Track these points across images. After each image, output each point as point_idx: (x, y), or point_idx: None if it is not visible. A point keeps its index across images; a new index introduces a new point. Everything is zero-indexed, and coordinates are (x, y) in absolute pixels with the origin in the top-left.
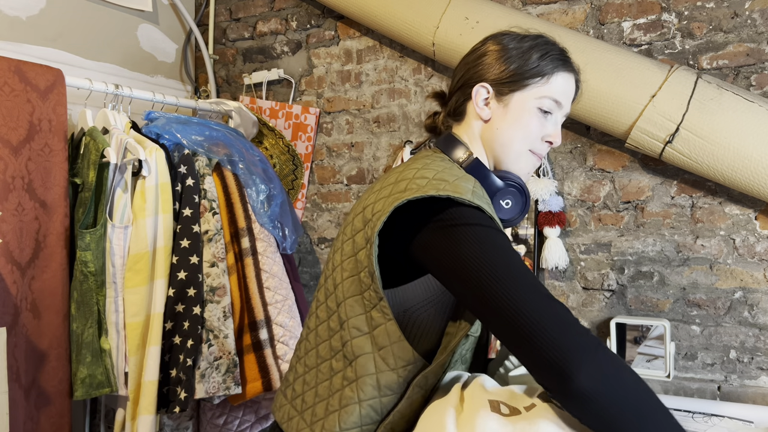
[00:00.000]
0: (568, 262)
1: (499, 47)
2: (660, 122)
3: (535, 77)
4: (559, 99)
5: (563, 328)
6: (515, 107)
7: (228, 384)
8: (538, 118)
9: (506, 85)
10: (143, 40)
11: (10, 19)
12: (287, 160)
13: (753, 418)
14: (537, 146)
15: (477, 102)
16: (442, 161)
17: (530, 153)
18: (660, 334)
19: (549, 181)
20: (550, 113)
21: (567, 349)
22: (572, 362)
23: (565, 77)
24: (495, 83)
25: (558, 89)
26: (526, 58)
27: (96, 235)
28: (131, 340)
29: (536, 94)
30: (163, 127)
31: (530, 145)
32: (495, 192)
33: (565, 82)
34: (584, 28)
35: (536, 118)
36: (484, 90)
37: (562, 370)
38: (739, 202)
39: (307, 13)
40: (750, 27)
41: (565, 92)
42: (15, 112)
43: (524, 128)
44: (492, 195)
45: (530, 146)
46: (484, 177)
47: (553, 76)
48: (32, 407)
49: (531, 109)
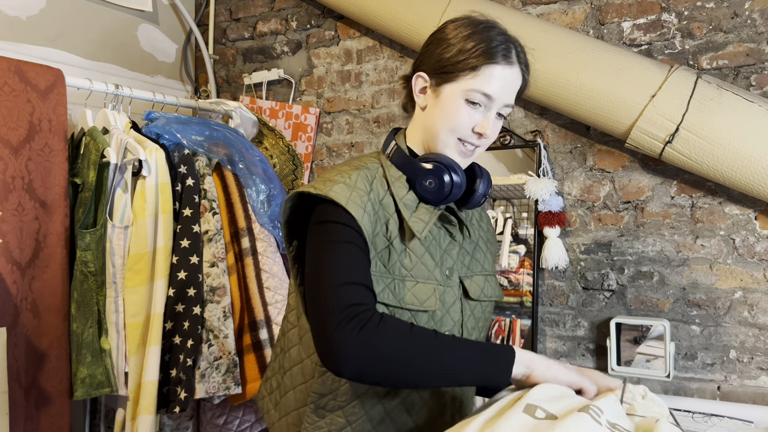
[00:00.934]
0: (568, 262)
1: (442, 36)
2: (660, 122)
3: (464, 69)
4: (489, 93)
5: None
6: (445, 97)
7: (228, 384)
8: (467, 110)
9: (439, 76)
10: (143, 40)
11: (10, 19)
12: (287, 160)
13: (753, 418)
14: (466, 136)
15: (415, 90)
16: (361, 158)
17: (459, 142)
18: (660, 334)
19: (549, 181)
20: (480, 105)
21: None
22: (335, 359)
23: (499, 70)
24: (431, 73)
25: (487, 83)
26: (459, 49)
27: (96, 235)
28: (131, 340)
29: (465, 87)
30: (163, 127)
31: (457, 135)
32: (417, 175)
33: (498, 76)
34: (584, 28)
35: (464, 109)
36: (421, 80)
37: (330, 363)
38: (739, 202)
39: (307, 13)
40: (750, 27)
41: (498, 86)
42: (15, 112)
43: (451, 119)
44: (415, 178)
45: (458, 136)
46: (405, 164)
47: (482, 69)
48: (32, 407)
49: (459, 101)
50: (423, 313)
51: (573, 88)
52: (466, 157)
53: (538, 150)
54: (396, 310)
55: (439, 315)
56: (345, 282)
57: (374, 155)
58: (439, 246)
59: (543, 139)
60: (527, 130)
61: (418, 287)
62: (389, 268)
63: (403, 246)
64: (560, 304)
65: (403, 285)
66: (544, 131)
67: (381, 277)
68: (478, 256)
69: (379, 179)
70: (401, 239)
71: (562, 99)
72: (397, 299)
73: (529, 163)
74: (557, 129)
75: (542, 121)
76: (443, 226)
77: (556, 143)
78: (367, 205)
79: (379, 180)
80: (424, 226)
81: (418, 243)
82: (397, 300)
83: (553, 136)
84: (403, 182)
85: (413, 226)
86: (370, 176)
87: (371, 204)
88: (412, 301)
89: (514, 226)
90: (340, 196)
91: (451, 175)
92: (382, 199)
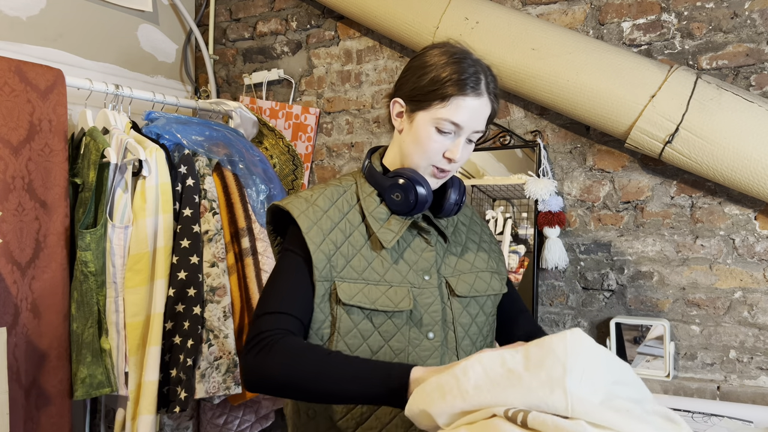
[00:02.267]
0: (568, 262)
1: (418, 63)
2: (660, 122)
3: (435, 99)
4: (458, 122)
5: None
6: (417, 124)
7: (228, 384)
8: (437, 137)
9: (413, 103)
10: (143, 40)
11: (10, 19)
12: (287, 160)
13: (753, 418)
14: (437, 161)
15: (392, 115)
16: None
17: (432, 167)
18: (660, 334)
19: (549, 181)
20: (450, 133)
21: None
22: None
23: (467, 102)
24: (406, 99)
25: (456, 113)
26: (432, 78)
27: (96, 235)
28: (131, 340)
29: (435, 115)
30: (163, 127)
31: (429, 161)
32: (384, 189)
33: (467, 107)
34: (584, 29)
35: (435, 137)
36: (398, 105)
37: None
38: (738, 202)
39: (307, 14)
40: (750, 27)
41: (466, 116)
42: (15, 112)
43: (422, 146)
44: (383, 191)
45: (430, 162)
46: (376, 180)
47: (452, 100)
48: (32, 407)
49: (430, 128)
50: (399, 313)
51: (573, 88)
52: (438, 179)
53: (538, 150)
54: (372, 312)
55: (417, 315)
56: (266, 312)
57: (352, 173)
58: (413, 252)
59: (543, 139)
60: (527, 130)
61: (392, 291)
62: (362, 275)
63: (376, 254)
64: (560, 304)
65: (377, 289)
66: (544, 131)
67: (355, 283)
68: (468, 257)
69: (348, 195)
70: (372, 248)
71: (562, 99)
72: (371, 302)
73: (529, 163)
74: (557, 129)
75: (542, 121)
76: (419, 233)
77: (555, 143)
78: (321, 220)
79: (348, 196)
80: (393, 236)
81: (391, 250)
82: (372, 303)
83: (553, 136)
84: (374, 197)
85: (381, 236)
86: (338, 194)
87: (329, 219)
88: (386, 304)
89: (514, 226)
90: (294, 208)
91: (416, 188)
92: (347, 213)
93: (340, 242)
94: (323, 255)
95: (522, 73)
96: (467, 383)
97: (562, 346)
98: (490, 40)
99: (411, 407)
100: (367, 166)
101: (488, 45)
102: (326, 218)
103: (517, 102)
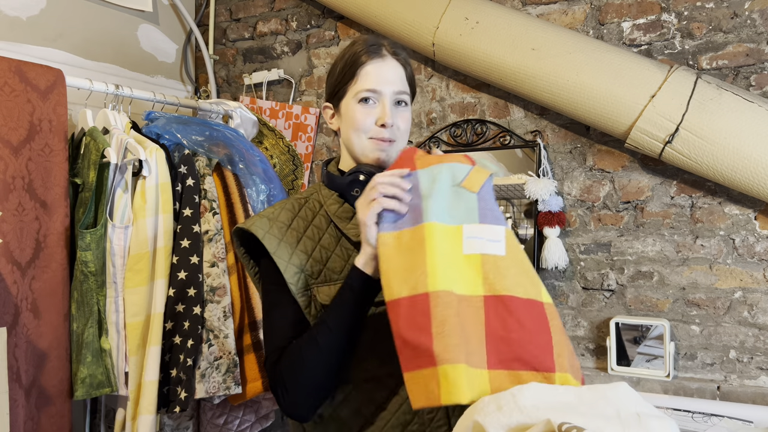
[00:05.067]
0: (568, 262)
1: (330, 68)
2: (659, 122)
3: (347, 82)
4: (373, 87)
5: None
6: (345, 111)
7: (228, 384)
8: (362, 109)
9: (336, 98)
10: (143, 40)
11: (10, 19)
12: (287, 160)
13: (753, 418)
14: (374, 132)
15: (327, 120)
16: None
17: (372, 140)
18: (660, 334)
19: (549, 181)
20: (372, 101)
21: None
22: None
23: (372, 66)
24: (331, 99)
25: (366, 80)
26: (339, 70)
27: (96, 235)
28: (131, 340)
29: (352, 94)
30: (163, 127)
31: (366, 134)
32: (344, 188)
33: (372, 72)
34: (584, 29)
35: (360, 109)
36: (327, 109)
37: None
38: (738, 202)
39: (307, 14)
40: (750, 27)
41: (375, 78)
42: (15, 112)
43: (354, 123)
44: (344, 191)
45: (367, 135)
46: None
47: (359, 72)
48: (32, 407)
49: (354, 105)
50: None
51: (573, 88)
52: (384, 150)
53: (538, 150)
54: None
55: None
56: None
57: (313, 185)
58: None
59: (543, 139)
60: (527, 130)
61: None
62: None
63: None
64: (560, 304)
65: None
66: (544, 131)
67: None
68: None
69: (311, 203)
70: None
71: (562, 99)
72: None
73: (529, 163)
74: (557, 129)
75: (542, 121)
76: None
77: (555, 143)
78: (286, 235)
79: (311, 204)
80: None
81: None
82: None
83: (553, 136)
84: (335, 198)
85: (350, 233)
86: (299, 205)
87: (295, 231)
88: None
89: (514, 226)
90: (258, 229)
91: (368, 179)
92: (312, 220)
93: (311, 249)
94: (294, 268)
95: (522, 73)
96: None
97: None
98: (490, 40)
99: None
100: (324, 173)
101: (488, 45)
102: (291, 231)
103: (517, 102)
